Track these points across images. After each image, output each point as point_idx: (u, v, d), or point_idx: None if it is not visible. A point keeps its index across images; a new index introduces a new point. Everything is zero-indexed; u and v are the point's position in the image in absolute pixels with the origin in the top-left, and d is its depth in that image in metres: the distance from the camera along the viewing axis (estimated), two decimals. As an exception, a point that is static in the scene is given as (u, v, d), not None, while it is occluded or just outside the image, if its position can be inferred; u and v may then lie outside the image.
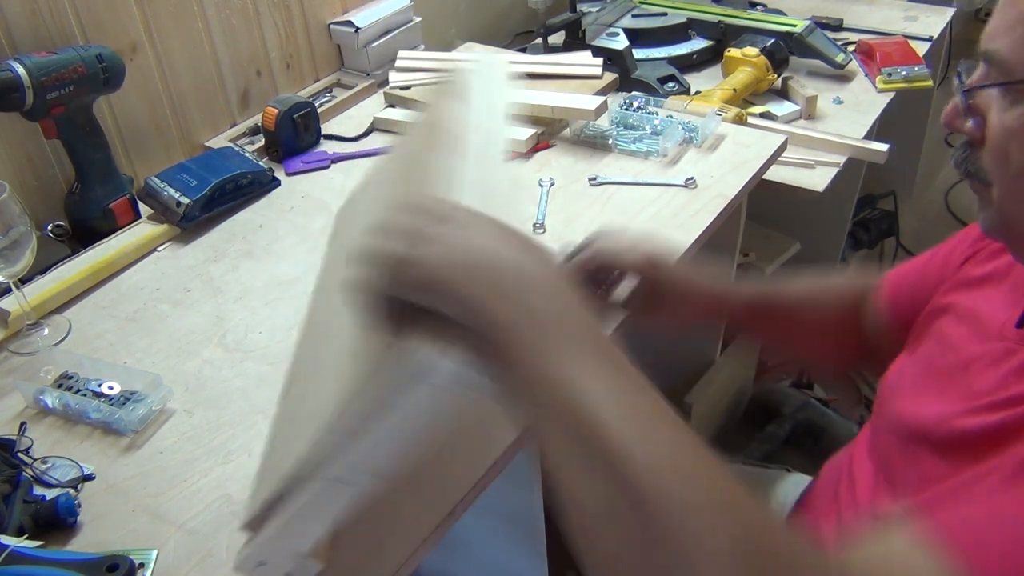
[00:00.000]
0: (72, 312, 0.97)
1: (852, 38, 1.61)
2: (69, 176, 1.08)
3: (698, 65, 1.55)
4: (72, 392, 0.82)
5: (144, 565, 0.67)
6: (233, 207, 1.13)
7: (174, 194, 1.07)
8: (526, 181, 1.15)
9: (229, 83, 1.27)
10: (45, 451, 0.79)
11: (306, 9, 1.35)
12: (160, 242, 1.08)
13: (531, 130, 1.21)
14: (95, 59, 1.00)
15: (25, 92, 0.95)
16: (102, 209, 1.06)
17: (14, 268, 0.86)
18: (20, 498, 0.71)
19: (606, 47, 1.45)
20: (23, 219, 0.85)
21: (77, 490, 0.74)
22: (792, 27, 1.51)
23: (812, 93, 1.40)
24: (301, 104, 1.23)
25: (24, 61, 0.95)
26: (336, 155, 1.24)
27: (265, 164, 1.18)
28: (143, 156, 1.19)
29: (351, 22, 1.38)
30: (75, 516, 0.71)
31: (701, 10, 1.62)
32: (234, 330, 0.93)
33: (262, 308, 0.96)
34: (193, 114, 1.24)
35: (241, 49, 1.27)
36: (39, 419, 0.82)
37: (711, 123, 1.20)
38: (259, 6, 1.27)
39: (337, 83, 1.43)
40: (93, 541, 0.70)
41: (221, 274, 1.02)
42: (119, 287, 1.01)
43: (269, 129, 1.22)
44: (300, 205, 1.14)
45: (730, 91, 1.36)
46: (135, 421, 0.80)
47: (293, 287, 0.99)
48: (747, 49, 1.43)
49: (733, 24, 1.56)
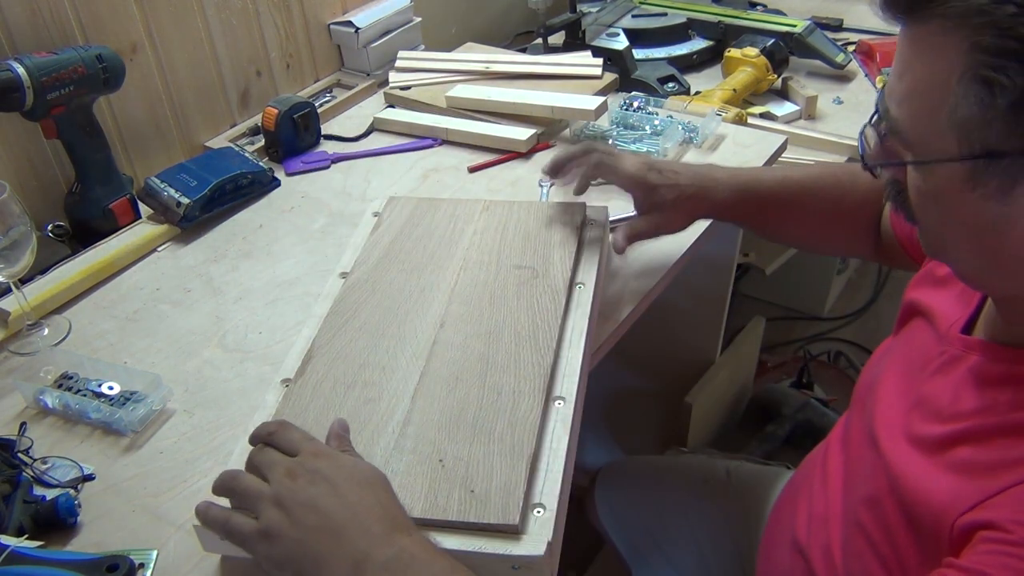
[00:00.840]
0: (72, 312, 0.97)
1: (852, 38, 1.61)
2: (69, 176, 1.08)
3: (698, 65, 1.55)
4: (72, 392, 0.82)
5: (144, 565, 0.67)
6: (233, 207, 1.13)
7: (174, 194, 1.07)
8: (526, 181, 1.15)
9: (229, 83, 1.27)
10: (45, 451, 0.79)
11: (306, 9, 1.35)
12: (160, 242, 1.08)
13: (531, 130, 1.21)
14: (95, 59, 1.00)
15: (25, 92, 0.95)
16: (102, 209, 1.06)
17: (14, 268, 0.86)
18: (20, 498, 0.71)
19: (606, 47, 1.45)
20: (23, 219, 0.85)
21: (77, 490, 0.74)
22: (792, 27, 1.50)
23: (812, 93, 1.40)
24: (301, 104, 1.23)
25: (24, 61, 0.95)
26: (336, 155, 1.24)
27: (265, 164, 1.18)
28: (143, 156, 1.19)
29: (351, 22, 1.38)
30: (75, 516, 0.71)
31: (701, 10, 1.62)
32: (234, 330, 0.93)
33: (262, 308, 0.96)
34: (193, 114, 1.24)
35: (241, 49, 1.27)
36: (39, 419, 0.82)
37: (711, 123, 1.20)
38: (259, 6, 1.27)
39: (337, 83, 1.43)
40: (93, 541, 0.70)
41: (221, 274, 1.02)
42: (119, 287, 1.01)
43: (269, 129, 1.22)
44: (300, 205, 1.14)
45: (730, 91, 1.36)
46: (135, 421, 0.80)
47: (293, 287, 0.99)
48: (747, 49, 1.43)
49: (733, 24, 1.56)
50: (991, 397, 0.57)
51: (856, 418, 0.76)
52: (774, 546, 0.86)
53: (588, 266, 0.86)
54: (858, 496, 0.68)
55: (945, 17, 0.48)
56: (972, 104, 0.47)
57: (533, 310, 0.80)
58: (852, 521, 0.67)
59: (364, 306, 0.83)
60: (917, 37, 0.50)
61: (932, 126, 0.50)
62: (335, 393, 0.73)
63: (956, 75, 0.48)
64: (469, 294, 0.83)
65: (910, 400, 0.65)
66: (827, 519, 0.74)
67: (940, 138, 0.50)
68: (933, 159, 0.51)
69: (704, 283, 1.36)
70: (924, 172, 0.53)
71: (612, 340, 0.88)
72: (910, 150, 0.53)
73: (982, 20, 0.46)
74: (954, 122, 0.49)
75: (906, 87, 0.52)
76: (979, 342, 0.62)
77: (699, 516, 1.05)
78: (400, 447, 0.67)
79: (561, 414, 0.70)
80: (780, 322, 2.03)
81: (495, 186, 1.15)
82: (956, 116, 0.48)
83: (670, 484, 1.11)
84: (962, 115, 0.48)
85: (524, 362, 0.74)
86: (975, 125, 0.48)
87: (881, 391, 0.71)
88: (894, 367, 0.72)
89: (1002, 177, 0.48)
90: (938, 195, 0.53)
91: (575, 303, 0.81)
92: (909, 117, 0.52)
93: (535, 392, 0.71)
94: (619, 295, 0.92)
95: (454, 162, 1.21)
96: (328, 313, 0.83)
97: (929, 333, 0.68)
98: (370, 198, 1.14)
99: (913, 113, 0.52)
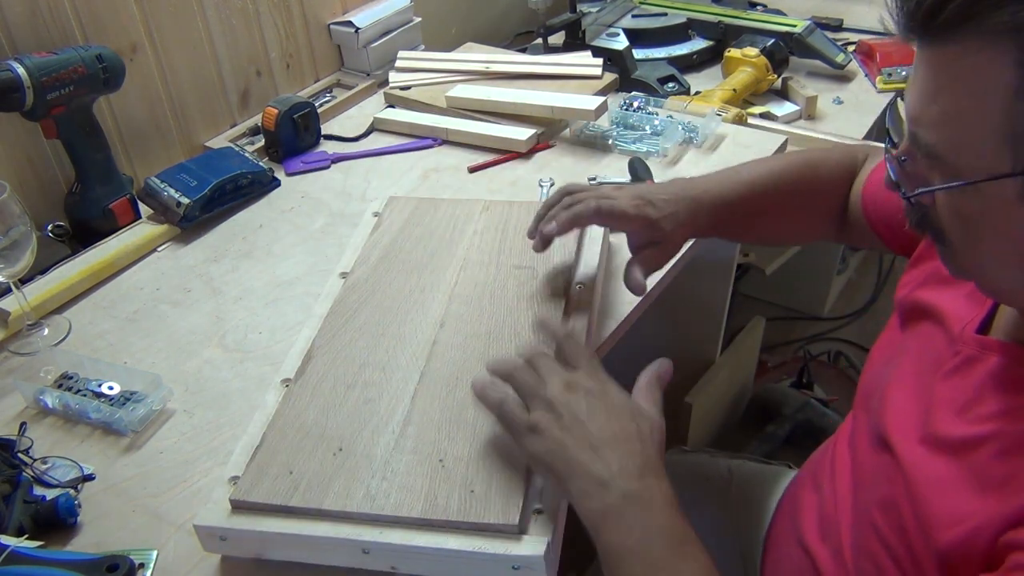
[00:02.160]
0: (72, 312, 0.97)
1: (852, 38, 1.61)
2: (69, 176, 1.08)
3: (698, 65, 1.55)
4: (72, 392, 0.82)
5: (144, 565, 0.67)
6: (233, 207, 1.13)
7: (174, 194, 1.07)
8: (526, 181, 1.15)
9: (229, 83, 1.27)
10: (45, 451, 0.79)
11: (306, 9, 1.35)
12: (160, 242, 1.08)
13: (531, 130, 1.21)
14: (95, 59, 1.00)
15: (25, 92, 0.95)
16: (102, 209, 1.06)
17: (14, 268, 0.86)
18: (20, 498, 0.71)
19: (606, 47, 1.45)
20: (23, 219, 0.85)
21: (77, 490, 0.74)
22: (792, 27, 1.50)
23: (812, 93, 1.40)
24: (301, 104, 1.23)
25: (24, 61, 0.95)
26: (336, 155, 1.24)
27: (265, 164, 1.18)
28: (143, 156, 1.19)
29: (351, 22, 1.38)
30: (75, 516, 0.71)
31: (701, 10, 1.62)
32: (234, 330, 0.93)
33: (262, 308, 0.96)
34: (193, 114, 1.24)
35: (241, 49, 1.27)
36: (39, 419, 0.82)
37: (711, 123, 1.20)
38: (259, 6, 1.27)
39: (337, 83, 1.43)
40: (93, 541, 0.70)
41: (221, 274, 1.02)
42: (119, 287, 1.01)
43: (269, 129, 1.22)
44: (300, 205, 1.14)
45: (730, 91, 1.36)
46: (135, 421, 0.80)
47: (293, 287, 0.99)
48: (747, 49, 1.43)
49: (733, 24, 1.56)
50: (1015, 400, 0.57)
51: (861, 420, 0.75)
52: (780, 544, 0.86)
53: (588, 266, 0.86)
54: (870, 498, 0.67)
55: (986, 33, 0.46)
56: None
57: (533, 310, 0.80)
58: (865, 522, 0.67)
59: (364, 306, 0.83)
60: (949, 56, 0.49)
61: (980, 146, 0.49)
62: (335, 393, 0.73)
63: (1007, 91, 0.46)
64: (469, 294, 0.83)
65: (924, 402, 0.65)
66: (837, 520, 0.74)
67: (990, 156, 0.49)
68: (984, 178, 0.50)
69: (704, 283, 1.36)
70: (967, 192, 0.51)
71: (612, 340, 0.88)
72: (947, 172, 0.52)
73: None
74: (1006, 139, 0.48)
75: (941, 110, 0.50)
76: (998, 343, 0.61)
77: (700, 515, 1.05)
78: (400, 447, 0.67)
79: None
80: (780, 322, 2.03)
81: (495, 186, 1.15)
82: (1008, 133, 0.47)
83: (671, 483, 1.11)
84: (1016, 131, 0.47)
85: None
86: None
87: (890, 393, 0.70)
88: (904, 368, 0.71)
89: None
90: (983, 213, 0.51)
91: (575, 303, 0.81)
92: (949, 139, 0.51)
93: None
94: (619, 295, 0.92)
95: (454, 162, 1.21)
96: (328, 313, 0.83)
97: (940, 333, 0.67)
98: (370, 198, 1.14)
99: (954, 135, 0.50)
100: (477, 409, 0.69)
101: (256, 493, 0.65)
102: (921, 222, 0.57)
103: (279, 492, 0.64)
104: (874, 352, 0.79)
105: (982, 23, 0.46)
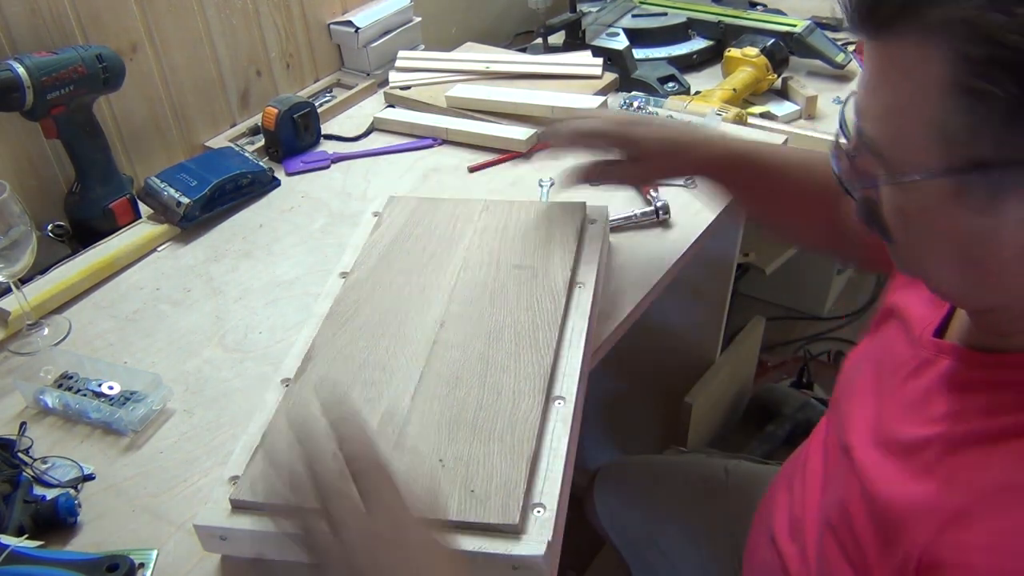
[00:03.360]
0: (72, 312, 0.97)
1: (852, 38, 1.61)
2: (69, 176, 1.08)
3: (698, 65, 1.55)
4: (72, 392, 0.82)
5: (144, 565, 0.67)
6: (233, 207, 1.13)
7: (174, 194, 1.08)
8: (526, 181, 1.15)
9: (229, 83, 1.27)
10: (45, 451, 0.79)
11: (306, 9, 1.35)
12: (160, 242, 1.08)
13: (531, 130, 1.21)
14: (95, 59, 1.00)
15: (25, 92, 0.95)
16: (102, 209, 1.06)
17: (14, 268, 0.86)
18: (20, 498, 0.71)
19: (606, 47, 1.45)
20: (23, 219, 0.85)
21: (77, 490, 0.74)
22: (792, 27, 1.50)
23: (812, 93, 1.40)
24: (301, 104, 1.23)
25: (24, 61, 0.95)
26: (336, 155, 1.24)
27: (265, 164, 1.18)
28: (143, 156, 1.19)
29: (351, 22, 1.38)
30: (75, 516, 0.71)
31: (701, 10, 1.62)
32: (234, 330, 0.93)
33: (262, 308, 0.96)
34: (193, 114, 1.24)
35: (241, 49, 1.27)
36: (39, 419, 0.82)
37: (711, 123, 1.20)
38: (259, 6, 1.27)
39: (337, 83, 1.43)
40: (93, 541, 0.70)
41: (221, 274, 1.02)
42: (119, 287, 1.01)
43: (269, 129, 1.22)
44: (300, 205, 1.14)
45: (730, 91, 1.36)
46: (135, 421, 0.80)
47: (293, 287, 0.99)
48: (747, 49, 1.43)
49: (733, 24, 1.56)
50: (963, 402, 0.56)
51: (832, 422, 0.76)
52: (756, 543, 0.86)
53: (588, 266, 0.86)
54: (831, 499, 0.68)
55: (923, 29, 0.46)
56: (960, 116, 0.46)
57: (533, 310, 0.80)
58: (825, 524, 0.67)
59: (364, 306, 0.83)
60: (891, 50, 0.48)
61: (916, 141, 0.49)
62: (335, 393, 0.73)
63: (941, 87, 0.46)
64: (469, 294, 0.83)
65: (881, 405, 0.65)
66: (804, 520, 0.74)
67: (925, 153, 0.48)
68: (919, 175, 0.49)
69: (704, 283, 1.36)
70: (906, 189, 0.51)
71: (612, 340, 0.88)
72: (887, 168, 0.51)
73: (968, 30, 0.44)
74: (940, 135, 0.47)
75: (882, 103, 0.50)
76: (952, 346, 0.60)
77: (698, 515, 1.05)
78: (400, 447, 0.67)
79: (561, 414, 0.70)
80: (780, 322, 2.03)
81: (495, 186, 1.15)
82: (942, 129, 0.47)
83: (669, 484, 1.11)
84: (949, 128, 0.47)
85: (524, 362, 0.74)
86: (963, 137, 0.46)
87: (853, 396, 0.70)
88: (867, 372, 0.71)
89: (989, 189, 0.47)
90: (921, 211, 0.51)
91: (575, 303, 0.81)
92: (888, 134, 0.50)
93: (535, 392, 0.71)
94: (619, 295, 0.92)
95: (454, 162, 1.21)
96: (328, 313, 0.83)
97: (903, 337, 0.67)
98: (370, 198, 1.14)
99: (893, 129, 0.50)
100: (477, 409, 0.69)
101: (256, 493, 0.65)
102: (868, 219, 0.56)
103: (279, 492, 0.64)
104: (849, 356, 0.79)
105: (919, 18, 0.46)
